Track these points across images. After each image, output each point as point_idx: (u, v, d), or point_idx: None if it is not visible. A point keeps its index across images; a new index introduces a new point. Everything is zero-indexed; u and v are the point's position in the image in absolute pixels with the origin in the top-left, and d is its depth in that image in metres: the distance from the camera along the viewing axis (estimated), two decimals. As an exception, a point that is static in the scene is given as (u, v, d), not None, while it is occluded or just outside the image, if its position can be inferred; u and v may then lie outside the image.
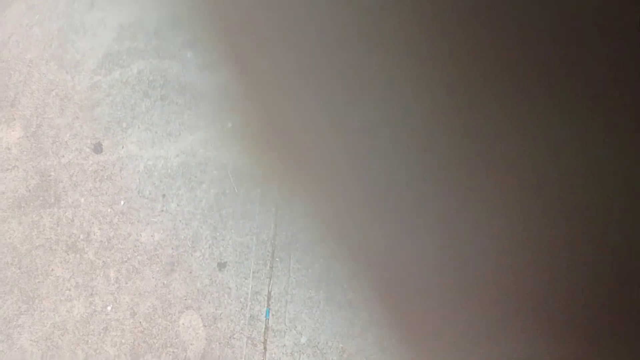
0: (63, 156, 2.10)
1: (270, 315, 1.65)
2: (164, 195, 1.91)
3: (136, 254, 1.88)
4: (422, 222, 1.55)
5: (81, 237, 1.96)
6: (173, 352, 1.73)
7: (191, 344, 1.71)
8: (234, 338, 1.67)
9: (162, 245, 1.85)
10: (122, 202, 1.96)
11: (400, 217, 1.60)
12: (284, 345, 1.61)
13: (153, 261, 1.85)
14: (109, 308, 1.85)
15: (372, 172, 1.42)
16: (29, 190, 2.10)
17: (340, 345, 1.55)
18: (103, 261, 1.91)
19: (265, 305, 1.67)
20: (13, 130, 2.23)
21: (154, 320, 1.78)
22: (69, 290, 1.91)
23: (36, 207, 2.06)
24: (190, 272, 1.79)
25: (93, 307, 1.87)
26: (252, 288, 1.70)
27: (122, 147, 2.03)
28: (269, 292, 1.68)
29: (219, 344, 1.68)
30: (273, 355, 1.61)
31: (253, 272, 1.71)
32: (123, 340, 1.80)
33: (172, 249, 1.84)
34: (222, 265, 1.76)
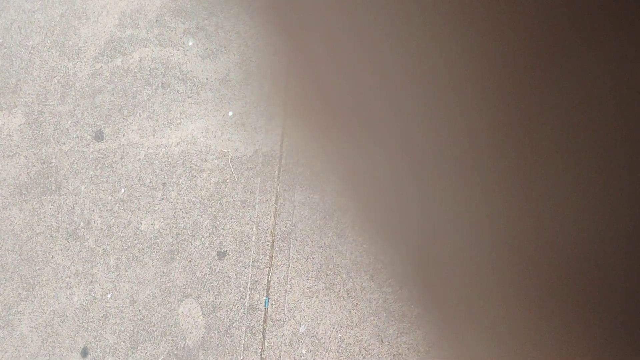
0: (64, 143, 2.10)
1: (269, 304, 1.65)
2: (164, 184, 1.91)
3: (136, 242, 1.87)
4: None
5: (81, 224, 1.96)
6: (172, 340, 1.73)
7: (190, 333, 1.71)
8: (233, 327, 1.67)
9: (162, 233, 1.85)
10: (122, 190, 1.95)
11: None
12: (283, 334, 1.61)
13: (153, 249, 1.85)
14: (108, 296, 1.85)
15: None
16: (30, 177, 2.10)
17: (339, 335, 1.55)
18: (103, 249, 1.91)
19: (265, 295, 1.66)
20: (14, 117, 2.23)
21: (153, 309, 1.78)
22: (69, 277, 1.92)
23: (37, 194, 2.06)
24: (190, 261, 1.79)
25: (93, 295, 1.87)
26: (251, 277, 1.69)
27: (123, 135, 2.03)
28: (268, 282, 1.67)
29: (218, 332, 1.68)
30: (272, 344, 1.61)
31: (252, 262, 1.71)
32: (122, 328, 1.80)
33: (172, 237, 1.84)
34: (221, 254, 1.76)
